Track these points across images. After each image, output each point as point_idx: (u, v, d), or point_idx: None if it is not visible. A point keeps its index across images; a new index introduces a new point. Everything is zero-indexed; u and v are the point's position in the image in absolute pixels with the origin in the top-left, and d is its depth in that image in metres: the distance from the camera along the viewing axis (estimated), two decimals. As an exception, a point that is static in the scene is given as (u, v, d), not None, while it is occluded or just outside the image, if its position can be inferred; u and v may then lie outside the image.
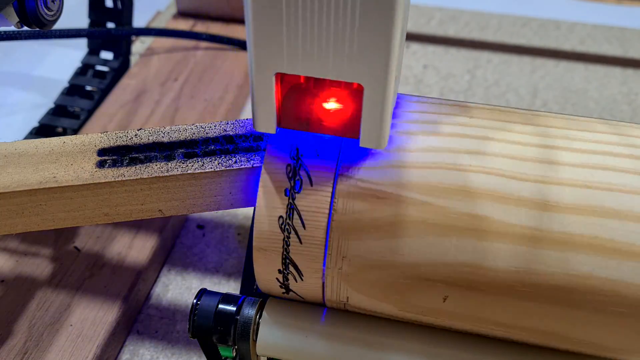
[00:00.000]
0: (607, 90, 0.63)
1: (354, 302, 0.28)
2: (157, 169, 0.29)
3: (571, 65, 0.66)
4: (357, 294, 0.27)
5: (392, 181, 0.26)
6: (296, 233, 0.26)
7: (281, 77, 0.25)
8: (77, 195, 0.29)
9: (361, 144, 0.25)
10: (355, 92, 0.25)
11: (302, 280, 0.27)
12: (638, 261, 0.25)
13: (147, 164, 0.29)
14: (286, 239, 0.26)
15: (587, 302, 0.25)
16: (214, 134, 0.30)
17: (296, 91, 0.25)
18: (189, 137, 0.30)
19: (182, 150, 0.30)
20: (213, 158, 0.29)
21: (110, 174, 0.29)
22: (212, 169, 0.29)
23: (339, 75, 0.23)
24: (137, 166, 0.29)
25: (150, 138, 0.30)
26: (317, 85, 0.26)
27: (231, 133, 0.30)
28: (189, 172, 0.29)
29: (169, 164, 0.29)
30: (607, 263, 0.25)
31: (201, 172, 0.29)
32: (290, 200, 0.26)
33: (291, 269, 0.27)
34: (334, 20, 0.22)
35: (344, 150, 0.27)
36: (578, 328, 0.26)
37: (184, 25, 0.66)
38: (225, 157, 0.29)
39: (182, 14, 0.67)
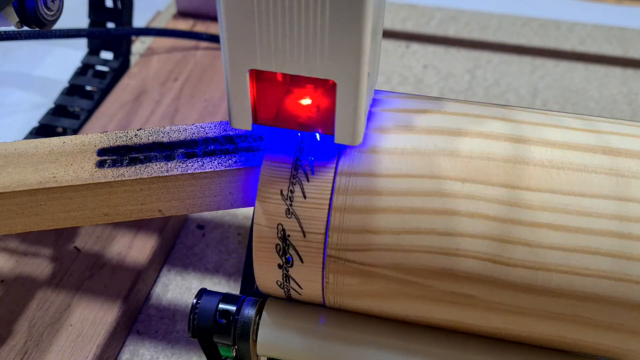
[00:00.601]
0: (607, 90, 0.63)
1: (354, 301, 0.28)
2: (157, 169, 0.29)
3: (571, 65, 0.66)
4: (358, 293, 0.27)
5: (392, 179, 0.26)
6: (296, 232, 0.26)
7: (256, 74, 0.25)
8: (76, 195, 0.29)
9: (336, 140, 0.25)
10: (330, 88, 0.25)
11: (302, 279, 0.27)
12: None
13: (147, 164, 0.29)
14: (286, 238, 0.26)
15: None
16: (214, 134, 0.30)
17: (271, 87, 0.26)
18: (188, 137, 0.30)
19: (182, 150, 0.30)
20: (213, 158, 0.29)
21: (110, 174, 0.29)
22: (212, 169, 0.29)
23: (312, 71, 0.24)
24: (137, 166, 0.29)
25: (150, 138, 0.30)
26: (291, 82, 0.26)
27: (231, 133, 0.30)
28: (188, 172, 0.29)
29: (169, 164, 0.29)
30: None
31: (201, 172, 0.29)
32: (290, 200, 0.26)
33: (291, 269, 0.27)
34: (305, 17, 0.22)
35: (343, 149, 0.27)
36: (577, 328, 0.26)
37: (184, 25, 0.66)
38: (225, 157, 0.29)
39: (182, 14, 0.67)
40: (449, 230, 0.25)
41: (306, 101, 0.26)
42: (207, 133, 0.31)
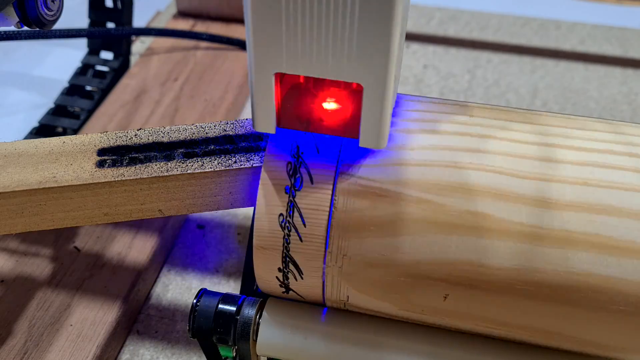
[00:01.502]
0: (607, 90, 0.63)
1: (354, 301, 0.28)
2: (156, 169, 0.29)
3: (571, 65, 0.66)
4: (357, 293, 0.27)
5: (393, 179, 0.26)
6: (296, 231, 0.26)
7: (281, 77, 0.25)
8: (76, 195, 0.29)
9: (361, 144, 0.25)
10: (355, 92, 0.25)
11: (302, 279, 0.27)
12: (638, 258, 0.25)
13: (147, 163, 0.29)
14: (286, 237, 0.26)
15: (588, 300, 0.25)
16: (214, 134, 0.30)
17: (296, 91, 0.25)
18: (188, 137, 0.30)
19: (182, 150, 0.30)
20: (213, 158, 0.29)
21: (110, 174, 0.29)
22: (212, 169, 0.29)
23: (339, 75, 0.23)
24: (137, 166, 0.29)
25: (150, 138, 0.30)
26: (316, 85, 0.26)
27: (231, 133, 0.30)
28: (188, 172, 0.29)
29: (169, 164, 0.29)
30: (607, 260, 0.25)
31: (201, 172, 0.29)
32: (291, 198, 0.26)
33: (291, 267, 0.27)
34: (333, 20, 0.22)
35: (344, 148, 0.27)
36: (579, 326, 0.26)
37: (184, 25, 0.66)
38: (224, 157, 0.29)
39: (182, 14, 0.67)
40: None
41: (331, 105, 0.26)
42: (207, 133, 0.30)
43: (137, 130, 0.31)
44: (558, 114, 0.29)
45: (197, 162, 0.29)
